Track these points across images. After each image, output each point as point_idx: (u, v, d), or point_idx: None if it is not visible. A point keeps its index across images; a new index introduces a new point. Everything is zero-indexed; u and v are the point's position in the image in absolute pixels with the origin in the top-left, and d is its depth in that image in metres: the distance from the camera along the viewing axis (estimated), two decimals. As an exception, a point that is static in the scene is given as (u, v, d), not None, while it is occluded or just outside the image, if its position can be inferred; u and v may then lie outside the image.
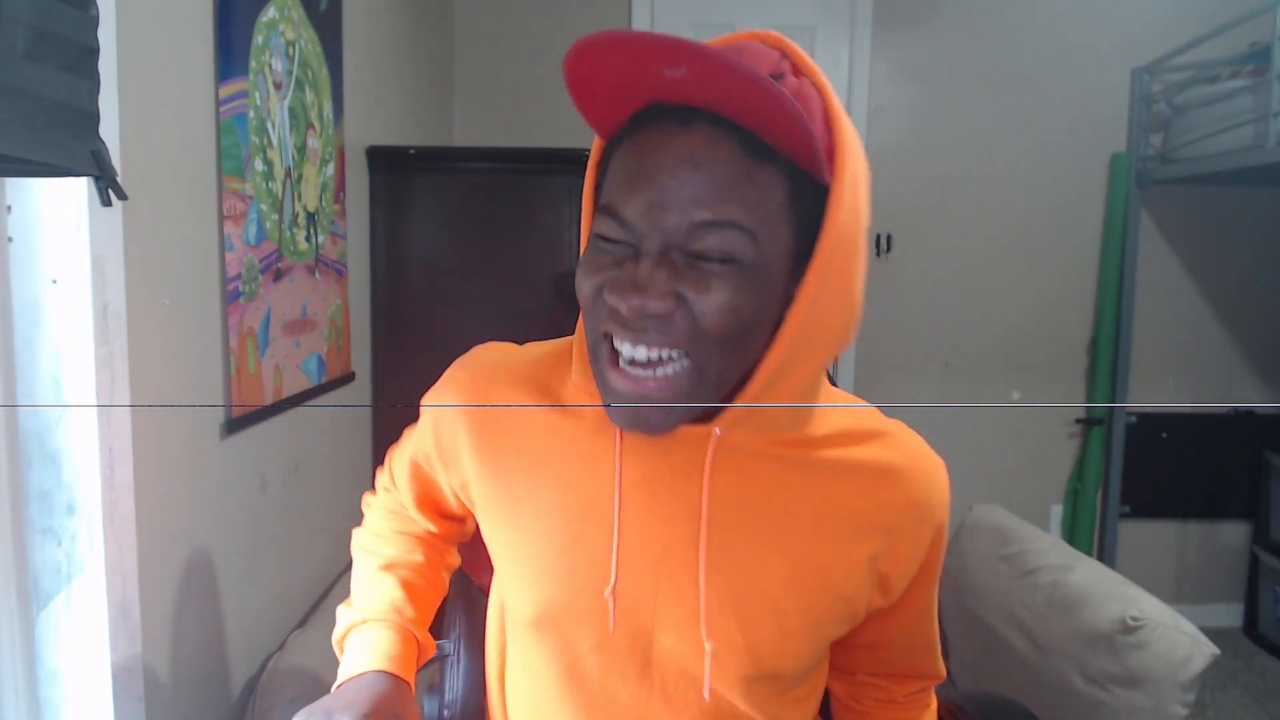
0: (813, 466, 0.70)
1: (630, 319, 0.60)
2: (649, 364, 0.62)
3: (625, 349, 0.62)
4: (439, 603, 0.89)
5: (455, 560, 0.95)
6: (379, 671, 0.76)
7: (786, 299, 0.63)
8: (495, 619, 0.88)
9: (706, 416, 0.68)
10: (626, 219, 0.61)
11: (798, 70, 0.63)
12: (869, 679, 0.85)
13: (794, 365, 0.64)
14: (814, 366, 0.66)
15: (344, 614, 0.84)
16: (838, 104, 0.63)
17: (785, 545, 0.70)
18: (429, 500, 0.89)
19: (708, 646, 0.70)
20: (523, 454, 0.74)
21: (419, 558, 0.88)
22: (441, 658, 1.07)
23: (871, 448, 0.72)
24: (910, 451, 0.73)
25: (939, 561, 0.77)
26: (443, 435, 0.79)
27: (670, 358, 0.61)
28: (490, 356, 0.79)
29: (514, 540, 0.75)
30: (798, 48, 0.65)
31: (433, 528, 0.90)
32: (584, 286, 0.64)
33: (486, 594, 0.98)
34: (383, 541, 0.89)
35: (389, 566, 0.86)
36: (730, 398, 0.66)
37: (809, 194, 0.61)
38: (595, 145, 0.68)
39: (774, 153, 0.59)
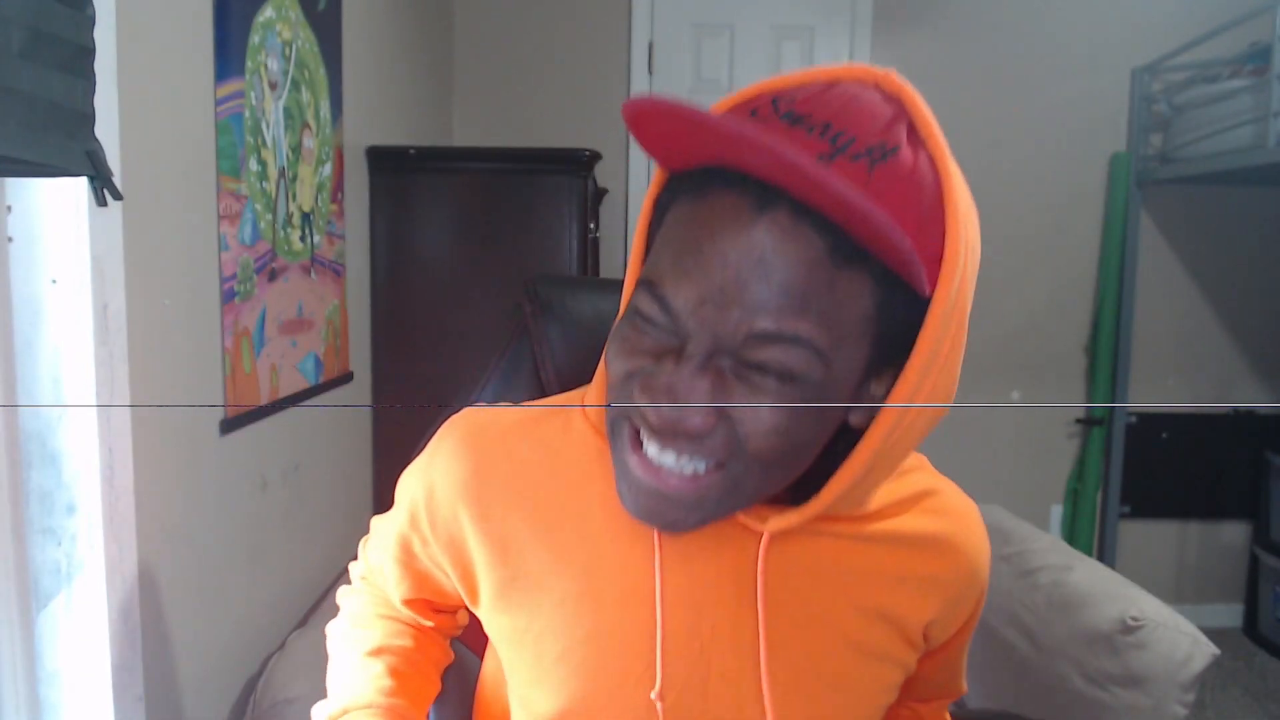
0: (868, 541, 0.63)
1: (660, 426, 0.51)
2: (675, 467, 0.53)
3: (651, 450, 0.53)
4: (431, 701, 0.76)
5: (448, 657, 0.81)
6: None
7: (858, 398, 0.53)
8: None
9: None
10: (672, 308, 0.50)
11: (914, 135, 0.51)
12: (898, 702, 0.84)
13: (875, 471, 0.55)
14: (895, 465, 0.58)
15: (320, 711, 0.70)
16: (955, 185, 0.50)
17: (844, 622, 0.64)
18: (421, 593, 0.75)
19: None
20: (537, 530, 0.63)
21: (408, 643, 0.75)
22: None
23: (923, 515, 0.66)
24: (959, 513, 0.68)
25: (980, 609, 0.74)
26: (438, 513, 0.66)
27: (699, 472, 0.52)
28: (480, 417, 0.67)
29: (533, 631, 0.64)
30: (918, 99, 0.53)
31: (425, 623, 0.77)
32: (614, 364, 0.54)
33: (478, 655, 0.86)
34: (364, 627, 0.76)
35: (375, 652, 0.73)
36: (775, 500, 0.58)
37: (901, 304, 0.50)
38: (656, 178, 0.56)
39: (865, 254, 0.48)
